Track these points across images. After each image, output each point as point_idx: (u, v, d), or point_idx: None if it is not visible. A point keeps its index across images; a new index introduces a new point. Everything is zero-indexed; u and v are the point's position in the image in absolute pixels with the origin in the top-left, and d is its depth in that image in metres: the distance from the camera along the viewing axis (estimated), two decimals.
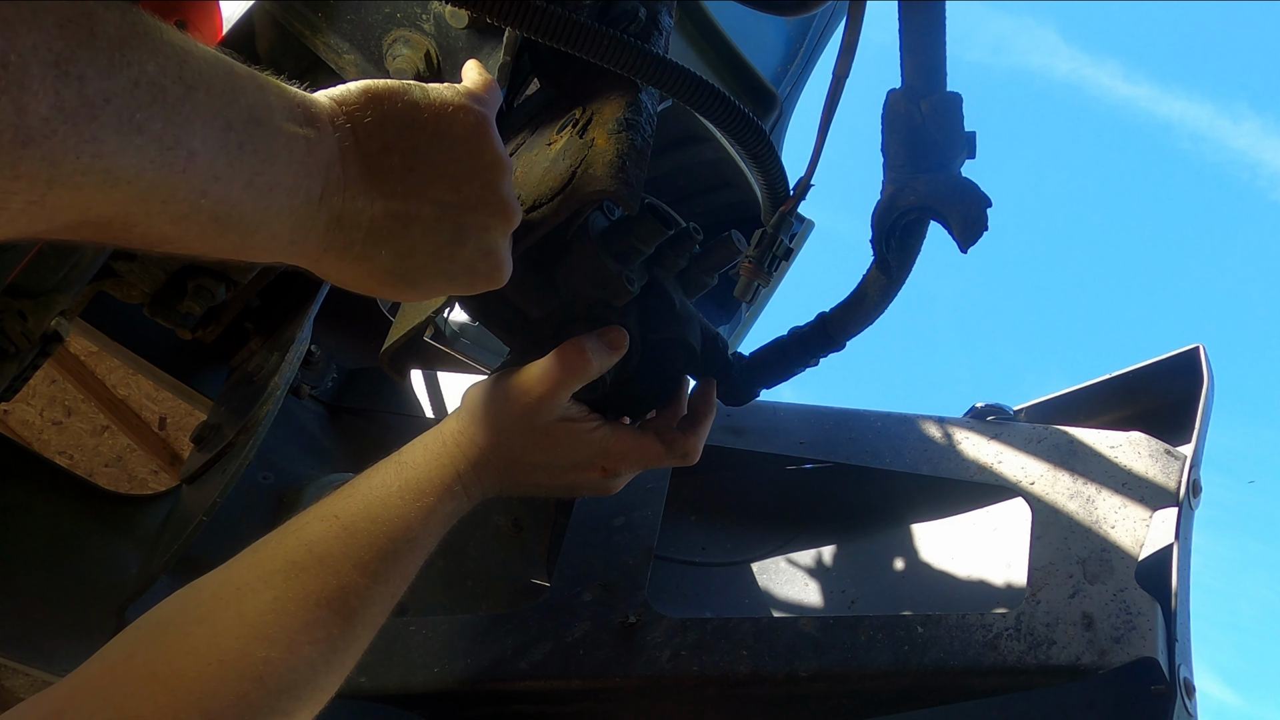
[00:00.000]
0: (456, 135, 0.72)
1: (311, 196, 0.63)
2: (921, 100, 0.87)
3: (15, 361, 1.25)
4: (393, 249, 0.70)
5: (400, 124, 0.69)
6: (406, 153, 0.69)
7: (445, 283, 0.75)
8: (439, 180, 0.71)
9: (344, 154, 0.65)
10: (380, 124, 0.68)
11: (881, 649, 1.22)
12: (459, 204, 0.72)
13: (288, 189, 0.60)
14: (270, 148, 0.58)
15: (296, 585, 0.75)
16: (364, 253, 0.69)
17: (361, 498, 0.85)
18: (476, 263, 0.75)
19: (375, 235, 0.69)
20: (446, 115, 0.72)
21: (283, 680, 0.71)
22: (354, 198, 0.66)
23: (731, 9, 1.82)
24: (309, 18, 1.07)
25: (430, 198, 0.70)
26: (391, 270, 0.71)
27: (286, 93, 0.61)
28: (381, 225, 0.69)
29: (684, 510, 1.62)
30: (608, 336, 0.92)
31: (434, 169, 0.71)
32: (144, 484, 2.68)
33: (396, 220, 0.69)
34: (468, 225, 0.73)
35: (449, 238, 0.72)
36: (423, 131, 0.70)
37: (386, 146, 0.68)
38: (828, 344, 1.02)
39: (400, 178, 0.69)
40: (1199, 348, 1.40)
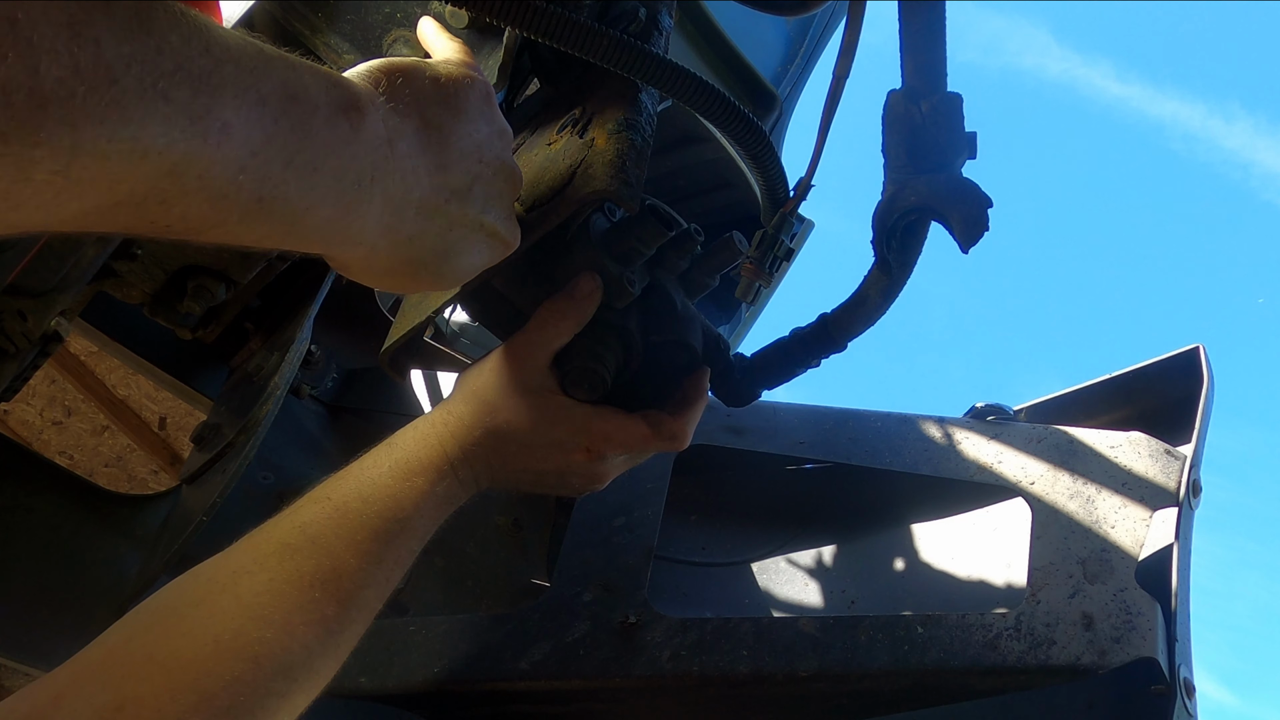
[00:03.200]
0: (473, 107, 0.74)
1: (362, 178, 0.62)
2: (922, 101, 0.87)
3: (15, 361, 1.25)
4: (438, 224, 0.71)
5: (429, 100, 0.70)
6: (439, 127, 0.70)
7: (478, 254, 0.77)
8: (468, 152, 0.73)
9: (390, 133, 0.65)
10: (414, 101, 0.69)
11: (881, 649, 1.22)
12: (482, 174, 0.74)
13: (333, 171, 0.60)
14: (308, 126, 0.57)
15: (290, 566, 0.76)
16: (414, 232, 0.69)
17: (353, 479, 0.85)
18: (498, 229, 0.78)
19: (423, 214, 0.69)
20: (461, 88, 0.74)
21: (278, 661, 0.71)
22: (404, 176, 0.67)
23: (731, 9, 1.82)
24: (309, 18, 1.07)
25: (463, 170, 0.72)
26: (437, 249, 0.72)
27: (320, 73, 0.60)
28: (428, 202, 0.69)
29: (684, 510, 1.62)
30: (576, 288, 0.92)
31: (462, 141, 0.72)
32: (144, 484, 2.68)
33: (440, 195, 0.70)
34: (491, 192, 0.76)
35: (480, 207, 0.75)
36: (447, 106, 0.72)
37: (425, 123, 0.69)
38: (829, 345, 1.02)
39: (439, 152, 0.70)
40: (1199, 348, 1.40)
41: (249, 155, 0.53)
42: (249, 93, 0.53)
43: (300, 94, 0.57)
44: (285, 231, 0.59)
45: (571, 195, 0.87)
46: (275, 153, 0.55)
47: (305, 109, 0.57)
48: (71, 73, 0.44)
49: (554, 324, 0.91)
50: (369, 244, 0.67)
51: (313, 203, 0.59)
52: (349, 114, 0.61)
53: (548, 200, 0.89)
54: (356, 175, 0.62)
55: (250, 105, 0.53)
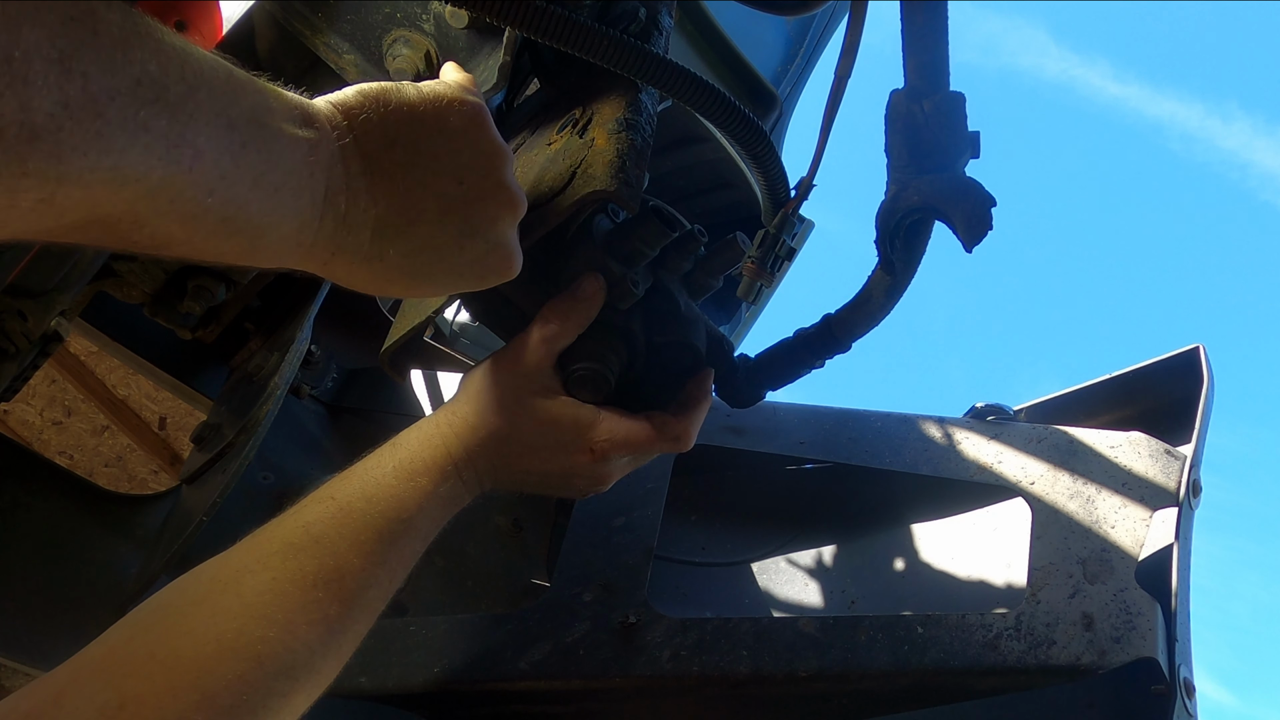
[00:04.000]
0: (455, 127, 0.73)
1: (316, 197, 0.64)
2: (924, 100, 0.87)
3: (15, 361, 1.25)
4: (401, 246, 0.71)
5: (398, 120, 0.70)
6: (406, 148, 0.70)
7: (456, 278, 0.77)
8: (441, 173, 0.72)
9: (344, 153, 0.66)
10: (380, 122, 0.69)
11: (881, 649, 1.22)
12: (463, 196, 0.73)
13: (293, 190, 0.61)
14: (273, 148, 0.59)
15: (293, 566, 0.75)
16: (373, 252, 0.70)
17: (357, 479, 0.85)
18: (486, 255, 0.77)
19: (382, 233, 0.70)
20: (443, 108, 0.73)
21: (280, 660, 0.71)
22: (357, 196, 0.67)
23: (731, 9, 1.82)
24: (309, 18, 1.07)
25: (434, 191, 0.72)
26: (402, 268, 0.72)
27: (284, 96, 0.62)
28: (388, 222, 0.70)
29: (684, 510, 1.62)
30: (579, 288, 0.92)
31: (435, 162, 0.72)
32: (144, 484, 2.68)
33: (402, 216, 0.70)
34: (474, 217, 0.74)
35: (456, 230, 0.74)
36: (421, 126, 0.71)
37: (387, 143, 0.69)
38: (833, 346, 1.02)
39: (403, 173, 0.70)
40: (1199, 348, 1.40)
41: (218, 178, 0.55)
42: (219, 118, 0.55)
43: (265, 117, 0.59)
44: (248, 248, 0.61)
45: (572, 195, 0.87)
46: (243, 175, 0.57)
47: (270, 132, 0.59)
48: (61, 107, 0.45)
49: (557, 325, 0.91)
50: (322, 260, 0.68)
51: (275, 221, 0.61)
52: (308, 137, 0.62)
53: (548, 200, 0.89)
54: (312, 194, 0.63)
55: (221, 131, 0.55)
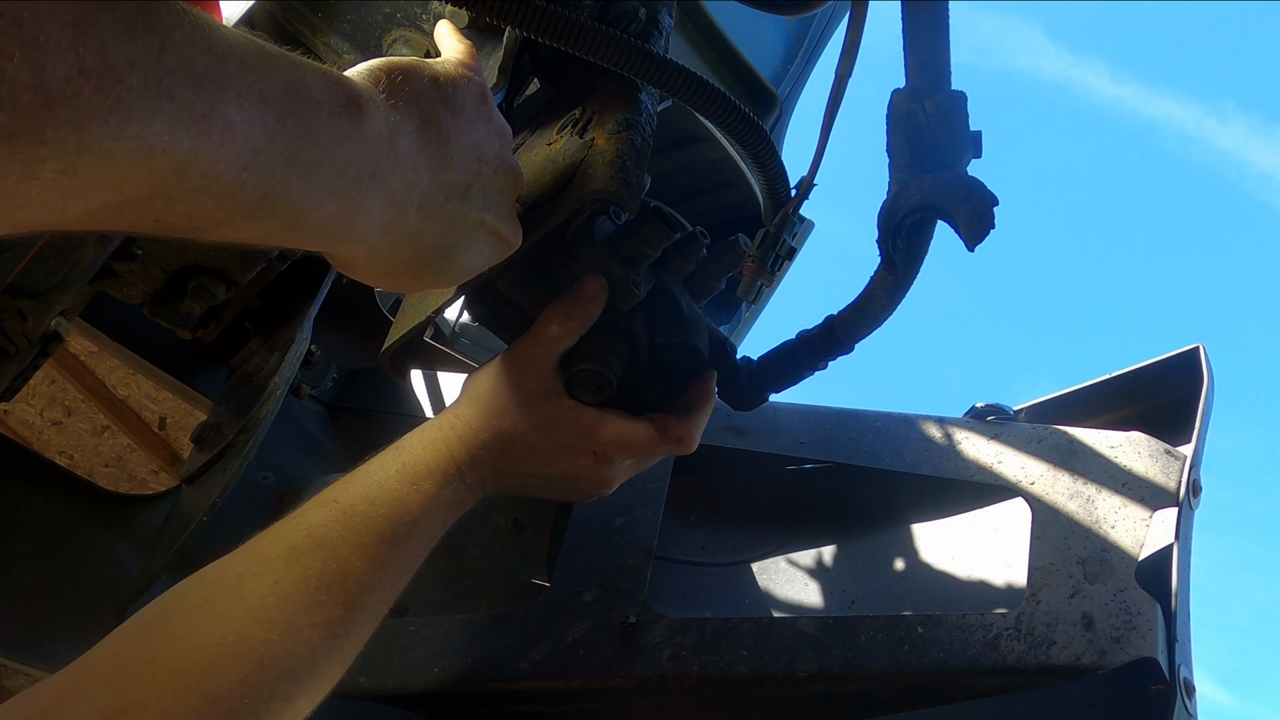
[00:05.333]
0: (470, 106, 0.75)
1: (364, 175, 0.63)
2: (925, 99, 0.87)
3: (15, 361, 1.25)
4: (438, 223, 0.72)
5: (428, 98, 0.71)
6: (438, 125, 0.71)
7: (479, 253, 0.78)
8: (467, 150, 0.73)
9: (391, 130, 0.66)
10: (413, 99, 0.69)
11: (881, 649, 1.22)
12: (482, 173, 0.75)
13: (335, 167, 0.60)
14: (310, 124, 0.58)
15: (296, 569, 0.75)
16: (415, 230, 0.70)
17: (360, 482, 0.85)
18: (499, 228, 0.78)
19: (424, 211, 0.70)
20: (459, 87, 0.74)
21: (283, 664, 0.71)
22: (405, 173, 0.67)
23: (731, 9, 1.82)
24: (309, 18, 1.07)
25: (463, 168, 0.73)
26: (438, 247, 0.73)
27: (323, 72, 0.61)
28: (429, 200, 0.70)
29: (684, 510, 1.62)
30: (581, 289, 0.92)
31: (461, 139, 0.73)
32: (144, 484, 2.68)
33: (441, 192, 0.71)
34: (490, 190, 0.76)
35: (480, 206, 0.75)
36: (446, 105, 0.72)
37: (424, 121, 0.70)
38: (836, 347, 1.02)
39: (439, 149, 0.71)
40: (1199, 348, 1.40)
41: (252, 153, 0.53)
42: (251, 91, 0.53)
43: (302, 92, 0.57)
44: (289, 229, 0.60)
45: (571, 195, 0.87)
46: (278, 150, 0.55)
47: (307, 107, 0.57)
48: (77, 72, 0.44)
49: (559, 326, 0.91)
50: (371, 241, 0.67)
51: (316, 200, 0.59)
52: (350, 111, 0.61)
53: (548, 200, 0.89)
54: (358, 172, 0.62)
55: (253, 103, 0.53)
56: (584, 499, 1.00)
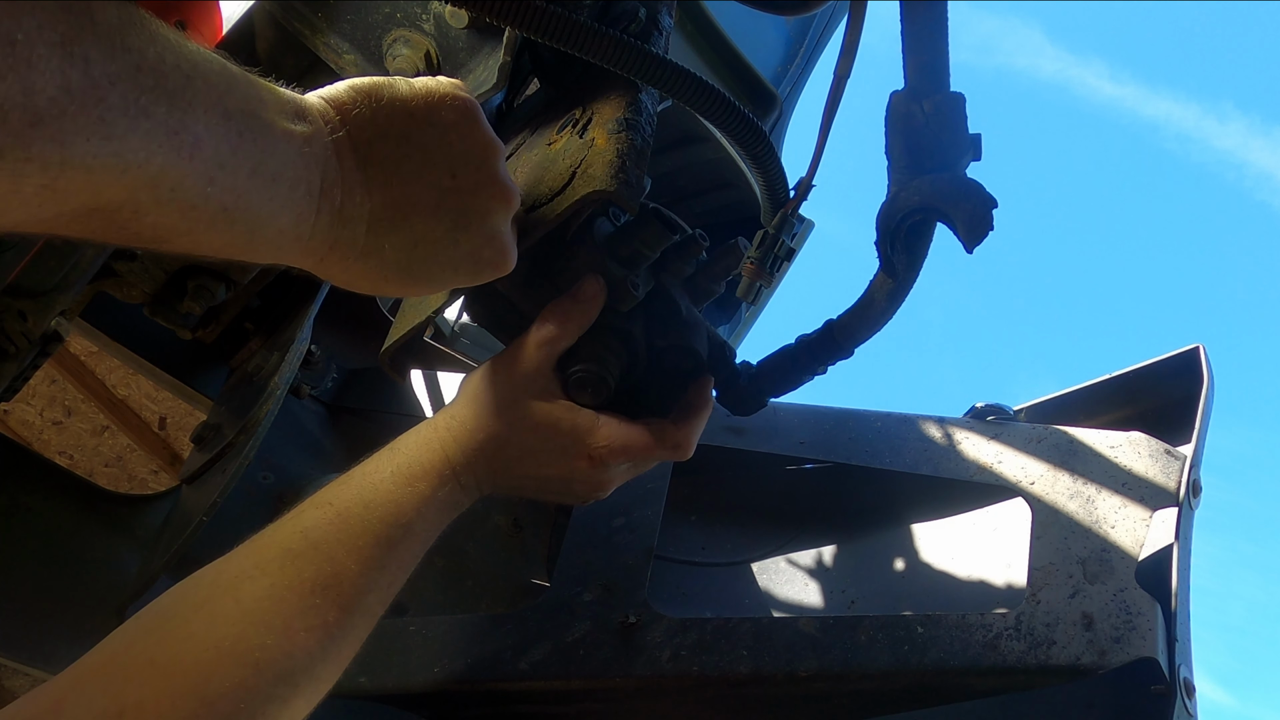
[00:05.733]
0: (447, 121, 0.74)
1: (312, 190, 0.64)
2: (924, 100, 0.87)
3: (15, 361, 1.25)
4: (396, 241, 0.71)
5: (390, 114, 0.71)
6: (399, 141, 0.71)
7: (451, 272, 0.77)
8: (434, 166, 0.73)
9: (337, 147, 0.67)
10: (371, 116, 0.70)
11: (881, 649, 1.22)
12: (457, 188, 0.74)
13: (289, 182, 0.62)
14: (268, 140, 0.60)
15: (292, 572, 0.75)
16: (369, 246, 0.70)
17: (355, 484, 0.85)
18: (481, 249, 0.77)
19: (377, 227, 0.70)
20: (434, 102, 0.73)
21: (279, 667, 0.71)
22: (352, 189, 0.68)
23: (731, 9, 1.82)
24: (309, 18, 1.07)
25: (427, 184, 0.72)
26: (397, 263, 0.73)
27: (276, 90, 0.63)
28: (382, 216, 0.70)
29: (684, 510, 1.62)
30: (580, 290, 0.92)
31: (427, 155, 0.72)
32: (144, 484, 2.68)
33: (396, 210, 0.71)
34: (468, 210, 0.75)
35: (450, 224, 0.74)
36: (413, 119, 0.72)
37: (379, 136, 0.70)
38: (836, 351, 1.02)
39: (395, 166, 0.70)
40: (1199, 348, 1.40)
41: (217, 168, 0.56)
42: (216, 108, 0.55)
43: (259, 111, 0.59)
44: (246, 240, 0.61)
45: (571, 195, 0.87)
46: (240, 165, 0.57)
47: (263, 124, 0.60)
48: (63, 91, 0.46)
49: (557, 327, 0.90)
50: (318, 254, 0.68)
51: (273, 212, 0.61)
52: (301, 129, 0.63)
53: (548, 200, 0.89)
54: (307, 188, 0.64)
55: (218, 120, 0.55)
56: (580, 502, 0.99)
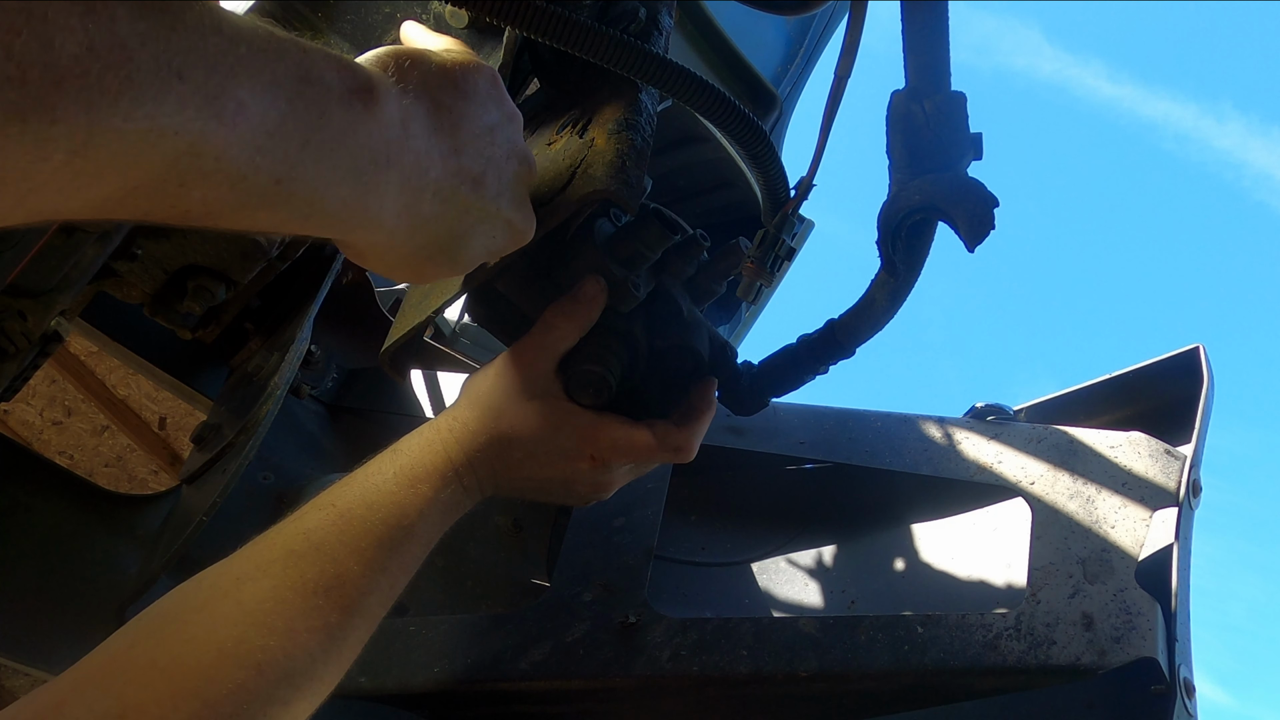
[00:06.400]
0: (482, 91, 0.74)
1: (378, 159, 0.62)
2: (925, 100, 0.87)
3: (15, 361, 1.25)
4: (453, 210, 0.71)
5: (439, 84, 0.70)
6: (450, 110, 0.70)
7: (492, 241, 0.77)
8: (479, 135, 0.73)
9: (404, 115, 0.65)
10: (423, 84, 0.69)
11: (881, 649, 1.22)
12: (496, 156, 0.74)
13: (349, 153, 0.60)
14: (322, 107, 0.57)
15: (294, 573, 0.75)
16: (431, 216, 0.69)
17: (358, 486, 0.85)
18: (513, 217, 0.77)
19: (439, 197, 0.69)
20: (469, 72, 0.73)
21: (281, 668, 0.71)
22: (419, 158, 0.67)
23: (731, 9, 1.82)
24: (309, 18, 1.07)
25: (476, 154, 0.72)
26: (453, 234, 0.72)
27: (333, 56, 0.60)
28: (444, 184, 0.69)
29: (684, 510, 1.62)
30: (580, 291, 0.91)
31: (473, 124, 0.72)
32: (144, 484, 2.68)
33: (456, 177, 0.70)
34: (504, 178, 0.75)
35: (494, 192, 0.74)
36: (457, 90, 0.72)
37: (436, 106, 0.69)
38: (837, 351, 1.02)
39: (451, 134, 0.70)
40: (1199, 348, 1.40)
41: (265, 136, 0.53)
42: (263, 74, 0.52)
43: (313, 76, 0.57)
44: (304, 214, 0.59)
45: (571, 195, 0.87)
46: (291, 133, 0.55)
47: (318, 91, 0.57)
48: (86, 50, 0.43)
49: (559, 327, 0.90)
50: (387, 227, 0.66)
51: (330, 184, 0.59)
52: (362, 96, 0.61)
53: (548, 200, 0.89)
54: (372, 156, 0.62)
55: (265, 86, 0.52)
56: (581, 503, 0.99)
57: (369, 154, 0.61)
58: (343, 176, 0.59)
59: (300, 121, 0.55)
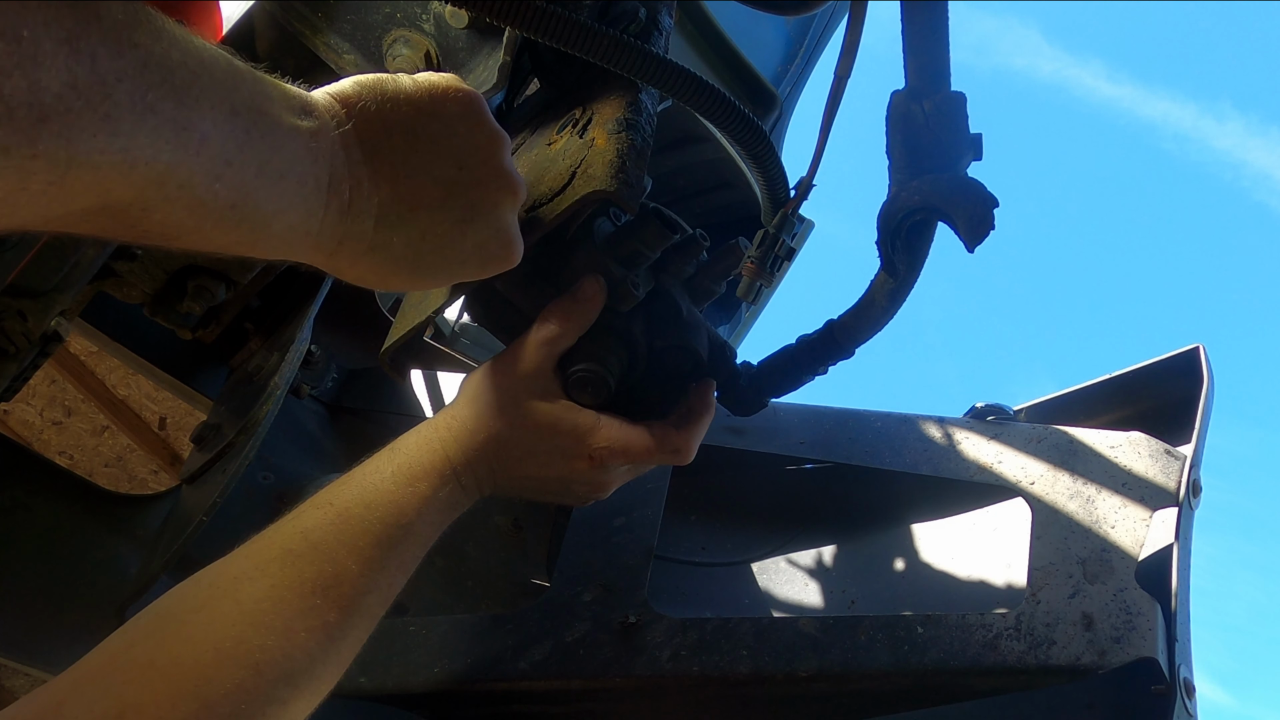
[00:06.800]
0: (453, 112, 0.74)
1: (320, 185, 0.64)
2: (924, 100, 0.87)
3: (15, 361, 1.25)
4: (405, 233, 0.71)
5: (396, 107, 0.71)
6: (405, 134, 0.71)
7: (459, 265, 0.77)
8: (442, 158, 0.73)
9: (344, 141, 0.67)
10: (377, 110, 0.70)
11: (881, 649, 1.22)
12: (464, 181, 0.74)
13: (297, 177, 0.62)
14: (275, 135, 0.60)
15: (292, 573, 0.75)
16: (377, 240, 0.70)
17: (356, 485, 0.85)
18: (488, 242, 0.77)
19: (386, 221, 0.70)
20: (439, 95, 0.74)
21: (279, 668, 0.71)
22: (360, 183, 0.68)
23: (731, 9, 1.82)
24: (309, 18, 1.07)
25: (435, 176, 0.72)
26: (405, 257, 0.72)
27: (282, 86, 0.63)
28: (391, 210, 0.70)
29: (684, 510, 1.62)
30: (580, 290, 0.91)
31: (435, 147, 0.72)
32: (144, 484, 2.68)
33: (404, 203, 0.71)
34: (476, 202, 0.75)
35: (458, 216, 0.74)
36: (419, 113, 0.72)
37: (386, 131, 0.70)
38: (836, 351, 1.02)
39: (403, 159, 0.70)
40: (1199, 348, 1.40)
41: (224, 165, 0.55)
42: (223, 104, 0.55)
43: (266, 107, 0.59)
44: (254, 237, 0.61)
45: (571, 195, 0.87)
46: (248, 161, 0.57)
47: (271, 120, 0.59)
48: (69, 87, 0.45)
49: (558, 327, 0.90)
50: (327, 250, 0.68)
51: (280, 208, 0.61)
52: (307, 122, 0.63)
53: (548, 200, 0.89)
54: (315, 182, 0.64)
55: (224, 117, 0.55)
56: (580, 503, 0.99)
57: (312, 180, 0.63)
58: (291, 201, 0.62)
59: (255, 150, 0.58)
